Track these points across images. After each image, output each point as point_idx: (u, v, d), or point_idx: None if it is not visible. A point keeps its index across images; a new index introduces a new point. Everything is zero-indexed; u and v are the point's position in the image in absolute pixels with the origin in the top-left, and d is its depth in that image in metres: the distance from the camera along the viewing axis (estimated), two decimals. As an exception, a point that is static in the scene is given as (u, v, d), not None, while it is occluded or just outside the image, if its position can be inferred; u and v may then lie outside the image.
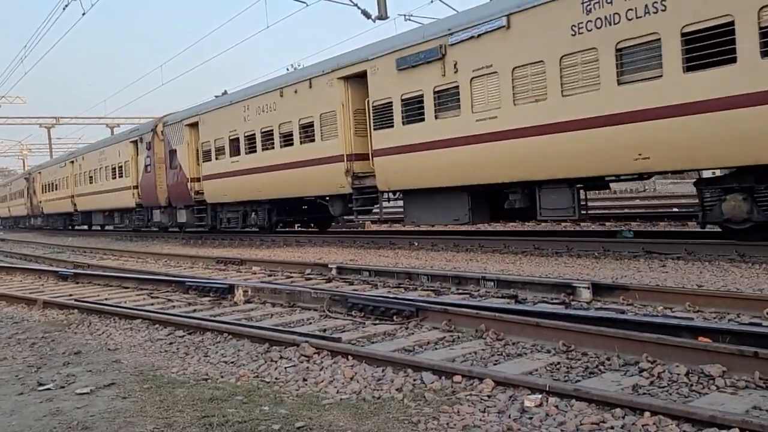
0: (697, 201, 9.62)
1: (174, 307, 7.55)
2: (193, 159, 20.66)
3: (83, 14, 20.42)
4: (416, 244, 13.24)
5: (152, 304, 7.77)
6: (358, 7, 18.11)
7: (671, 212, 16.62)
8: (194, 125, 20.30)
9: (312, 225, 20.12)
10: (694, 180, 10.25)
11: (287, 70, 17.90)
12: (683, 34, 8.48)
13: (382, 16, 17.58)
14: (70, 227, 35.41)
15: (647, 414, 3.05)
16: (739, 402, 3.34)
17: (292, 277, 9.82)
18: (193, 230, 22.46)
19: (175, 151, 21.43)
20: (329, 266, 9.78)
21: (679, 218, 15.01)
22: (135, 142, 24.30)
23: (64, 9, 20.45)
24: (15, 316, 7.48)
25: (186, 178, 20.86)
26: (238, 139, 17.88)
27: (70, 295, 8.86)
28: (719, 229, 9.80)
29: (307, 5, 18.96)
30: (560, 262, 9.54)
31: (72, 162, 32.15)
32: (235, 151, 18.11)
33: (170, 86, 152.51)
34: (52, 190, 35.32)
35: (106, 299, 8.25)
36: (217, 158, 19.07)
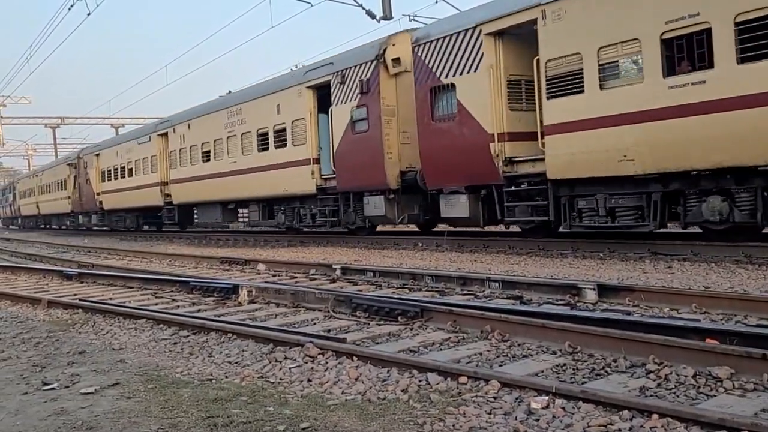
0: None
1: (178, 307, 7.54)
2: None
3: (88, 14, 20.49)
4: (420, 244, 13.22)
5: (156, 304, 7.77)
6: (363, 8, 18.11)
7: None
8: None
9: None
10: None
11: (291, 70, 17.89)
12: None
13: (387, 16, 17.56)
14: (154, 228, 28.01)
15: (655, 416, 3.02)
16: (747, 404, 3.31)
17: (296, 277, 9.81)
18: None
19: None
20: (333, 267, 9.77)
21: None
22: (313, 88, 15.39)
23: (69, 9, 20.53)
24: (20, 315, 7.48)
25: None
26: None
27: (75, 294, 8.87)
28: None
29: (312, 5, 18.98)
30: (565, 263, 9.51)
31: (164, 135, 23.56)
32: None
33: (175, 86, 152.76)
34: (122, 177, 27.63)
35: (110, 299, 8.26)
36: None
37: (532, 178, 11.01)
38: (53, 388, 4.25)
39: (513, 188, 11.25)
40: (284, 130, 16.41)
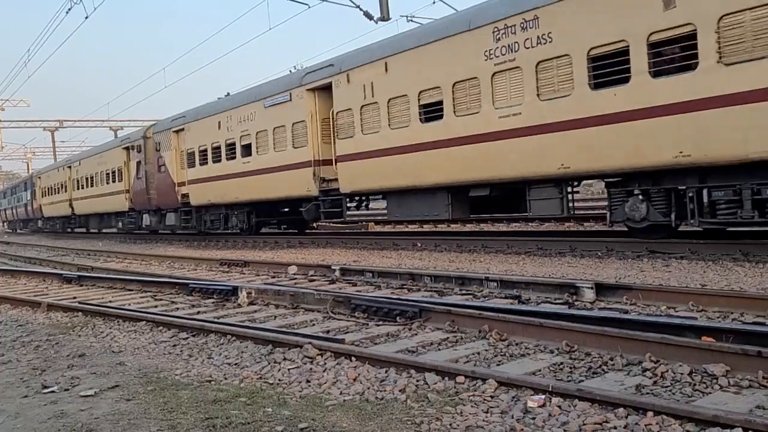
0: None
1: (178, 309, 7.56)
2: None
3: (86, 17, 20.41)
4: (419, 245, 13.24)
5: (156, 307, 7.79)
6: (360, 9, 18.12)
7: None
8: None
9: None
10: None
11: (290, 71, 17.92)
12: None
13: (385, 17, 17.59)
14: (293, 231, 20.13)
15: (650, 414, 3.05)
16: (742, 401, 3.33)
17: (295, 278, 9.83)
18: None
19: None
20: (332, 267, 9.79)
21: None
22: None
23: (67, 12, 20.49)
24: (20, 318, 7.50)
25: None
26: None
27: (74, 297, 8.88)
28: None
29: (309, 7, 18.98)
30: (563, 262, 9.53)
31: (324, 88, 15.29)
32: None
33: (173, 88, 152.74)
34: (230, 158, 18.71)
35: (110, 302, 8.28)
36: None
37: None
38: (53, 391, 4.27)
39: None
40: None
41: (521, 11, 10.55)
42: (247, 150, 17.88)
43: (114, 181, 26.81)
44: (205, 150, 19.78)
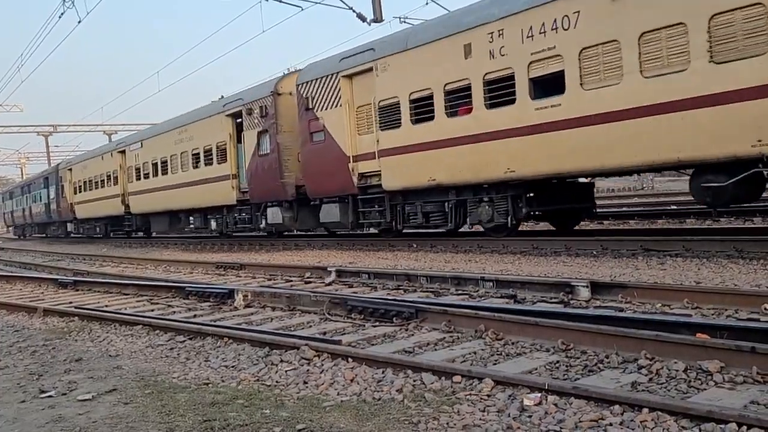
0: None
1: (174, 312, 7.56)
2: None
3: (79, 22, 20.37)
4: (415, 245, 13.25)
5: (152, 310, 7.79)
6: (353, 11, 18.15)
7: (669, 209, 16.65)
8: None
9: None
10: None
11: (284, 73, 17.91)
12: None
13: (378, 19, 17.61)
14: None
15: (645, 410, 3.07)
16: (737, 397, 3.36)
17: (291, 281, 9.83)
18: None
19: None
20: (328, 269, 9.80)
21: (677, 215, 15.06)
22: None
23: (60, 17, 20.47)
24: (16, 324, 7.49)
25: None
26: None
27: (71, 302, 8.87)
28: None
29: (302, 9, 18.98)
30: (559, 261, 9.56)
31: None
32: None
33: (167, 92, 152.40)
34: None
35: (106, 306, 8.27)
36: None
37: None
38: (50, 396, 4.27)
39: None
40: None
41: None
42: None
43: (210, 164, 19.16)
44: (427, 97, 12.16)
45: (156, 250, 20.55)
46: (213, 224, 20.09)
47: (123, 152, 25.49)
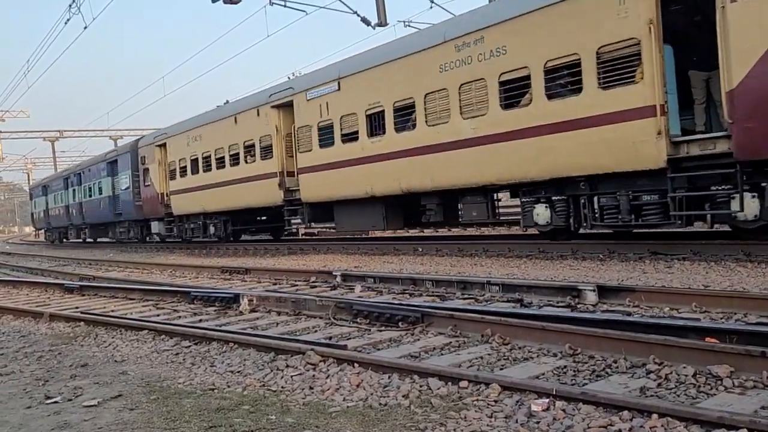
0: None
1: (180, 317, 7.56)
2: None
3: (85, 28, 20.48)
4: (420, 249, 13.23)
5: (158, 315, 7.78)
6: (358, 15, 18.16)
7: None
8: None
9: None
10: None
11: (288, 78, 17.95)
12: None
13: (382, 23, 17.63)
14: None
15: (655, 416, 3.04)
16: (747, 402, 3.32)
17: (296, 285, 9.82)
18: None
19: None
20: (334, 273, 9.79)
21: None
22: None
23: (66, 23, 20.58)
24: (22, 329, 7.49)
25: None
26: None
27: (77, 307, 8.88)
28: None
29: (307, 14, 19.02)
30: (565, 264, 9.52)
31: None
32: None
33: (172, 97, 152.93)
34: None
35: (112, 311, 8.27)
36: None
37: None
38: (56, 402, 4.26)
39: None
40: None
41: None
42: None
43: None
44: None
45: (161, 254, 20.58)
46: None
47: (277, 108, 16.92)
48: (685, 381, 3.71)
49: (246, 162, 18.31)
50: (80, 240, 33.73)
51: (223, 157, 19.43)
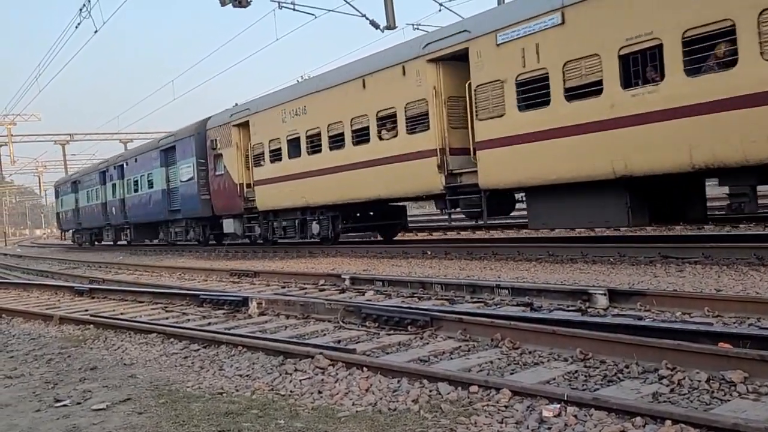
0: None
1: (189, 320, 7.56)
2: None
3: (95, 32, 20.56)
4: (429, 252, 13.19)
5: (167, 318, 7.79)
6: (367, 18, 18.19)
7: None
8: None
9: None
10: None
11: (297, 81, 17.99)
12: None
13: (391, 26, 17.64)
14: None
15: (668, 422, 3.00)
16: (762, 408, 3.27)
17: (305, 288, 9.81)
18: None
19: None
20: (342, 277, 9.77)
21: (695, 221, 14.84)
22: None
23: (76, 27, 20.68)
24: (32, 332, 7.52)
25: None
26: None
27: (86, 310, 8.90)
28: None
29: (315, 17, 19.07)
30: (575, 268, 9.45)
31: None
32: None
33: (182, 101, 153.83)
34: None
35: (121, 314, 8.29)
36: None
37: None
38: (65, 405, 4.26)
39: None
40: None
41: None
42: None
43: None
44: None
45: (170, 257, 20.64)
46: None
47: (436, 63, 12.61)
48: (698, 387, 3.66)
49: (380, 138, 13.64)
50: (119, 242, 29.58)
51: (341, 135, 14.74)
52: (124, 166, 26.85)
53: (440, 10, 19.37)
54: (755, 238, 11.01)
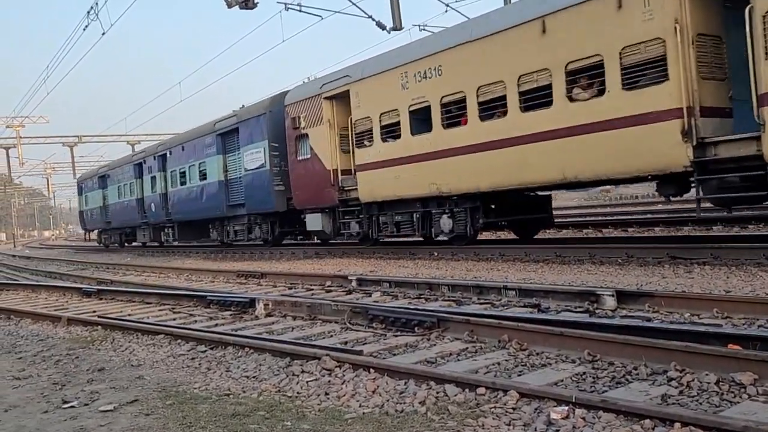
0: None
1: (196, 321, 7.57)
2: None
3: (103, 34, 20.59)
4: (436, 254, 13.17)
5: (174, 319, 7.81)
6: (373, 19, 18.18)
7: (694, 217, 16.33)
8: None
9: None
10: None
11: (304, 82, 17.98)
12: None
13: (397, 27, 17.62)
14: None
15: (678, 425, 2.97)
16: (772, 411, 3.24)
17: (312, 289, 9.82)
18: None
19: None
20: (349, 278, 9.77)
21: (704, 222, 14.77)
22: None
23: (84, 29, 20.76)
24: (40, 333, 7.56)
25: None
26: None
27: (94, 311, 8.94)
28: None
29: (322, 18, 19.07)
30: (583, 269, 9.41)
31: None
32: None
33: (188, 102, 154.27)
34: None
35: (129, 315, 8.31)
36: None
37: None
38: (73, 406, 4.27)
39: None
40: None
41: None
42: None
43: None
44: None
45: (178, 258, 20.70)
46: None
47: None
48: (707, 389, 3.63)
49: (570, 100, 10.15)
50: (157, 243, 26.27)
51: (500, 99, 11.23)
52: (167, 155, 23.26)
53: (446, 11, 19.34)
54: (764, 238, 10.93)
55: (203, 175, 20.80)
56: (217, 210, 20.08)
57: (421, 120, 12.82)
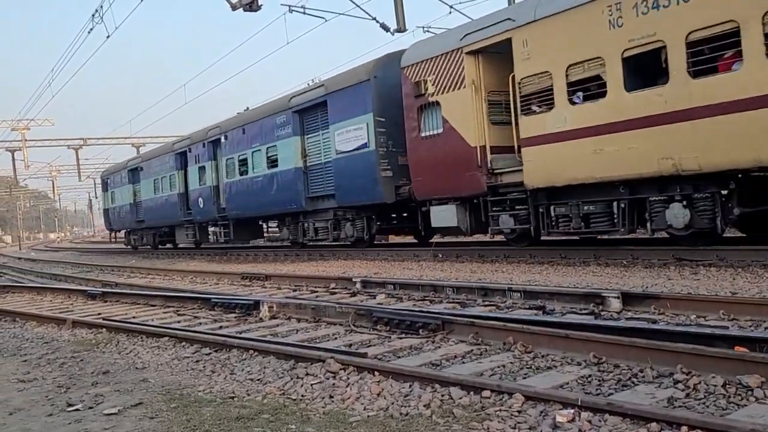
0: None
1: (200, 324, 7.57)
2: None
3: (107, 37, 20.67)
4: (440, 256, 13.16)
5: (179, 322, 7.81)
6: (377, 21, 18.19)
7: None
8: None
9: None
10: None
11: (308, 84, 18.00)
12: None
13: (401, 28, 17.62)
14: None
15: (684, 428, 2.95)
16: (780, 414, 3.22)
17: (316, 291, 9.81)
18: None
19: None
20: (353, 280, 9.76)
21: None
22: None
23: (89, 32, 20.81)
24: (45, 335, 7.57)
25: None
26: None
27: (99, 314, 8.95)
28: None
29: (326, 20, 19.09)
30: (588, 271, 9.39)
31: None
32: None
33: (193, 104, 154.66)
34: None
35: (133, 317, 8.32)
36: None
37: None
38: (77, 409, 4.27)
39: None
40: None
41: None
42: None
43: None
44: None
45: (183, 261, 20.72)
46: None
47: None
48: (714, 391, 3.61)
49: None
50: (202, 243, 23.06)
51: None
52: (221, 141, 19.80)
53: (450, 13, 19.32)
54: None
55: (273, 162, 17.51)
56: (293, 203, 16.74)
57: (643, 70, 9.50)
